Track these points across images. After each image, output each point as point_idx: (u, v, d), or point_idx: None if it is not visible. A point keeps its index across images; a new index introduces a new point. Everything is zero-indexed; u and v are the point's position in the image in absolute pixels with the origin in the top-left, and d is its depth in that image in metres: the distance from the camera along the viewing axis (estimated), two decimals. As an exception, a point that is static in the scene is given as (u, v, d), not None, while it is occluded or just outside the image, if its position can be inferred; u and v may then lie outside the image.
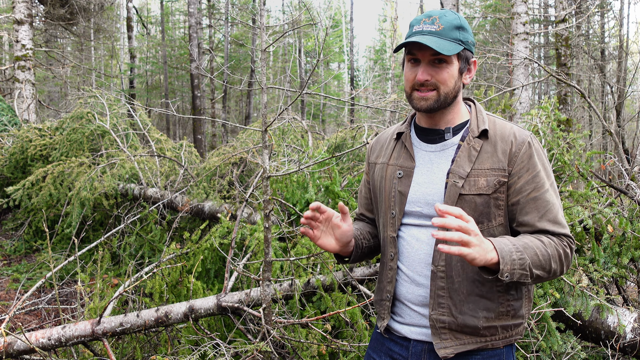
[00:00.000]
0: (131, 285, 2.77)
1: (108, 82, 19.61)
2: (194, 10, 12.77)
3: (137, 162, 5.37)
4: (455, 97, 1.45)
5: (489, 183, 1.38)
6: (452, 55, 1.39)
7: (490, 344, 1.41)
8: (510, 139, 1.40)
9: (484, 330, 1.40)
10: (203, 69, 15.94)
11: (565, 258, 1.36)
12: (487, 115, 1.48)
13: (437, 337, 1.41)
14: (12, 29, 8.89)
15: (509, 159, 1.38)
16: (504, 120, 1.48)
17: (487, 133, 1.42)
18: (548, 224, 1.37)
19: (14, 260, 5.29)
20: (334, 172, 3.56)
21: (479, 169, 1.39)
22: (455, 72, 1.41)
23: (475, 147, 1.41)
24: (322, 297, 2.83)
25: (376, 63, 26.35)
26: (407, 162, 1.50)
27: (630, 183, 3.09)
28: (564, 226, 1.39)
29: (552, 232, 1.37)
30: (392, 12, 25.55)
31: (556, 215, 1.38)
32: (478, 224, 1.37)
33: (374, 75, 23.09)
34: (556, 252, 1.33)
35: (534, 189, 1.37)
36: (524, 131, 1.43)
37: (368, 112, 12.45)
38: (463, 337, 1.40)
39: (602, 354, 2.63)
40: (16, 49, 8.70)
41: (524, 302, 1.45)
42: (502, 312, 1.40)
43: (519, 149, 1.38)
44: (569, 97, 8.34)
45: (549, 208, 1.37)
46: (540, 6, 14.51)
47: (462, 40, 1.40)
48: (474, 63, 1.47)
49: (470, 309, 1.39)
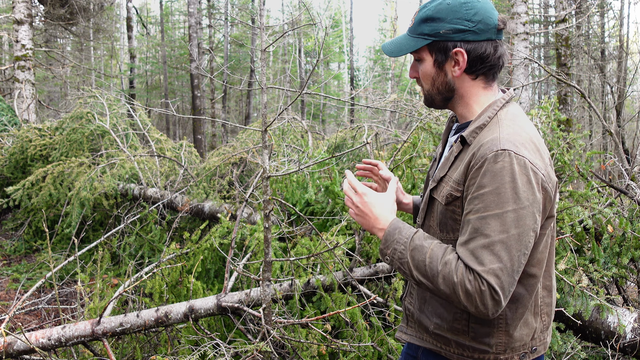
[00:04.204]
0: (131, 285, 2.77)
1: (108, 82, 19.60)
2: (194, 10, 12.77)
3: (137, 162, 5.37)
4: (451, 92, 1.34)
5: (445, 194, 1.30)
6: (422, 52, 1.33)
7: (443, 352, 1.36)
8: (474, 150, 1.23)
9: (435, 336, 1.37)
10: (203, 69, 15.94)
11: (464, 292, 1.15)
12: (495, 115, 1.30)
13: (405, 322, 1.48)
14: (12, 29, 8.89)
15: (466, 172, 1.23)
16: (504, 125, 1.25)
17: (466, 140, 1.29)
18: (463, 252, 1.18)
19: (14, 260, 5.29)
20: (333, 172, 3.56)
21: (449, 177, 1.30)
22: (429, 68, 1.33)
23: (454, 152, 1.32)
24: (322, 297, 2.83)
25: (376, 63, 26.34)
26: (440, 147, 1.52)
27: (630, 183, 3.08)
28: (480, 263, 1.14)
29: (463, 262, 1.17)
30: (392, 12, 25.55)
31: (477, 247, 1.16)
32: (440, 232, 1.33)
33: (374, 75, 23.08)
34: (450, 276, 1.16)
35: (472, 211, 1.19)
36: (494, 144, 1.19)
37: (368, 112, 12.44)
38: (423, 333, 1.42)
39: (602, 354, 2.63)
40: (16, 49, 8.70)
41: (496, 332, 1.29)
42: (457, 328, 1.32)
43: (477, 162, 1.20)
44: (569, 97, 8.34)
45: (475, 237, 1.17)
46: (540, 6, 14.51)
47: (428, 34, 1.29)
48: (460, 53, 1.28)
49: (428, 311, 1.39)
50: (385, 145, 5.31)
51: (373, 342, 2.59)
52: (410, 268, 1.23)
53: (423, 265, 1.21)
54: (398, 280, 2.82)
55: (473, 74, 1.32)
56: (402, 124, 7.73)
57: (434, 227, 1.37)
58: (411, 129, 4.24)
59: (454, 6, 1.27)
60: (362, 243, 3.05)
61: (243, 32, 20.18)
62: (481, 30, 1.28)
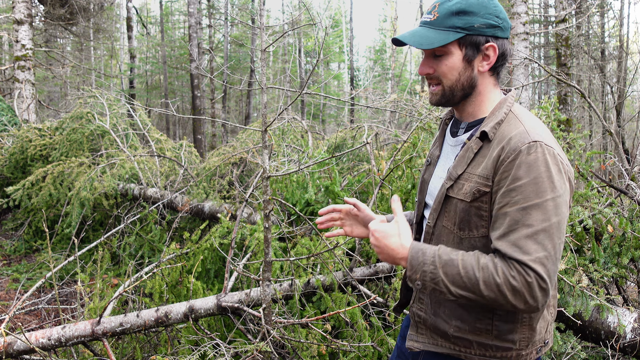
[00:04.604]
0: (131, 285, 2.77)
1: (108, 82, 19.60)
2: (194, 10, 12.77)
3: (137, 162, 5.37)
4: (472, 88, 1.33)
5: (470, 190, 1.26)
6: (450, 45, 1.29)
7: (463, 355, 1.33)
8: (503, 144, 1.23)
9: (455, 339, 1.33)
10: (203, 69, 15.94)
11: (510, 290, 1.14)
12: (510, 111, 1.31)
13: (414, 330, 1.43)
14: (12, 29, 8.89)
15: (496, 166, 1.22)
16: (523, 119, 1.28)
17: (487, 135, 1.28)
18: (504, 245, 1.16)
19: (14, 260, 5.29)
20: (333, 172, 3.56)
21: (471, 173, 1.28)
22: (457, 63, 1.30)
23: (474, 148, 1.30)
24: (322, 297, 2.83)
25: (376, 63, 26.34)
26: (436, 150, 1.49)
27: (630, 183, 3.08)
28: (525, 252, 1.14)
29: (503, 254, 1.17)
30: (392, 12, 25.54)
31: (521, 238, 1.15)
32: (459, 230, 1.30)
33: (374, 75, 23.09)
34: (491, 279, 1.15)
35: (508, 204, 1.18)
36: (525, 137, 1.21)
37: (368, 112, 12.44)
38: (437, 338, 1.37)
39: (602, 354, 2.63)
40: (16, 49, 8.70)
41: (519, 327, 1.29)
42: (480, 328, 1.29)
43: (508, 156, 1.20)
44: (569, 97, 8.34)
45: (516, 228, 1.16)
46: (540, 6, 14.51)
47: (461, 27, 1.27)
48: (492, 47, 1.29)
49: (445, 314, 1.34)
50: (385, 145, 5.31)
51: (373, 342, 2.59)
52: (447, 285, 1.19)
53: (459, 278, 1.18)
54: (398, 280, 2.82)
55: (493, 70, 1.34)
56: (402, 124, 7.73)
57: (450, 227, 1.32)
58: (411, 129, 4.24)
59: (483, 1, 1.29)
60: (362, 243, 3.05)
61: (243, 32, 20.18)
62: (506, 28, 1.31)
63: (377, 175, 3.66)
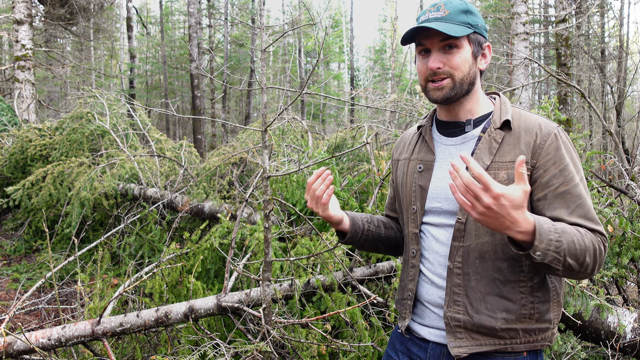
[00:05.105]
0: (131, 285, 2.77)
1: (108, 82, 19.61)
2: (194, 10, 12.77)
3: (137, 162, 5.37)
4: (473, 84, 1.39)
5: (510, 176, 1.30)
6: (463, 39, 1.35)
7: (510, 347, 1.33)
8: (535, 131, 1.33)
9: (503, 332, 1.32)
10: (203, 69, 15.94)
11: (599, 255, 1.25)
12: (512, 107, 1.41)
13: (452, 336, 1.36)
14: (12, 29, 8.89)
15: (532, 151, 1.31)
16: (530, 112, 1.40)
17: (510, 124, 1.35)
18: (580, 219, 1.27)
19: (14, 260, 5.29)
20: (334, 172, 3.56)
21: (500, 162, 1.33)
22: (468, 56, 1.36)
23: (497, 138, 1.35)
24: (322, 297, 2.83)
25: (376, 63, 26.35)
26: (427, 155, 1.48)
27: (630, 183, 3.08)
28: (598, 223, 1.28)
29: (585, 227, 1.27)
30: (392, 12, 25.55)
31: (588, 211, 1.28)
32: None
33: (374, 75, 23.09)
34: (592, 245, 1.23)
35: (563, 183, 1.29)
36: (550, 123, 1.34)
37: (368, 112, 12.45)
38: (479, 338, 1.34)
39: (602, 354, 2.63)
40: (16, 49, 8.70)
41: (552, 305, 1.35)
42: (525, 314, 1.32)
43: (544, 140, 1.31)
44: (569, 97, 8.35)
45: (579, 203, 1.28)
46: (540, 6, 14.51)
47: (470, 24, 1.35)
48: (489, 47, 1.41)
49: (488, 309, 1.32)
50: (385, 145, 5.31)
51: (373, 342, 2.59)
52: (566, 253, 1.19)
53: (574, 246, 1.21)
54: (397, 280, 2.82)
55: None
56: (402, 124, 7.73)
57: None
58: (411, 129, 4.22)
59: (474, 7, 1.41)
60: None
61: (243, 32, 20.18)
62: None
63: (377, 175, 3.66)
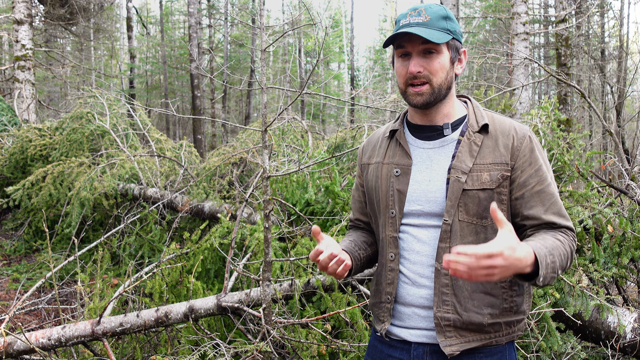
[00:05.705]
0: (131, 285, 2.77)
1: (108, 82, 19.60)
2: (194, 10, 12.77)
3: (137, 162, 5.37)
4: (450, 89, 1.43)
5: (492, 177, 1.37)
6: (442, 45, 1.38)
7: (494, 341, 1.40)
8: (512, 134, 1.41)
9: (489, 327, 1.39)
10: (203, 69, 15.94)
11: (572, 254, 1.36)
12: (484, 110, 1.48)
13: (442, 336, 1.39)
14: (12, 29, 8.89)
15: (511, 153, 1.39)
16: (500, 115, 1.49)
17: (488, 128, 1.42)
18: (554, 217, 1.37)
19: (14, 260, 5.29)
20: (333, 172, 3.56)
21: (481, 164, 1.39)
22: (447, 62, 1.40)
23: (476, 142, 1.41)
24: (322, 297, 2.83)
25: (376, 63, 26.35)
26: (403, 159, 1.48)
27: (630, 183, 3.08)
28: (569, 219, 1.40)
29: (558, 225, 1.37)
30: (392, 12, 25.56)
31: (560, 208, 1.39)
32: (481, 219, 1.38)
33: (374, 75, 23.08)
34: (570, 249, 1.34)
35: (538, 182, 1.38)
36: (523, 126, 1.44)
37: (368, 112, 12.45)
38: (467, 335, 1.39)
39: (602, 354, 2.63)
40: (16, 49, 8.70)
41: (525, 297, 1.44)
42: (506, 308, 1.40)
43: (521, 142, 1.39)
44: (569, 97, 8.35)
45: (553, 201, 1.38)
46: (540, 6, 14.51)
47: (450, 30, 1.39)
48: (464, 53, 1.47)
49: (475, 306, 1.38)
50: (385, 145, 5.30)
51: (373, 342, 2.59)
52: (557, 270, 1.27)
53: (561, 259, 1.29)
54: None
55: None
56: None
57: (469, 219, 1.38)
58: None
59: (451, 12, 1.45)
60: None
61: (243, 32, 20.18)
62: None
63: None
